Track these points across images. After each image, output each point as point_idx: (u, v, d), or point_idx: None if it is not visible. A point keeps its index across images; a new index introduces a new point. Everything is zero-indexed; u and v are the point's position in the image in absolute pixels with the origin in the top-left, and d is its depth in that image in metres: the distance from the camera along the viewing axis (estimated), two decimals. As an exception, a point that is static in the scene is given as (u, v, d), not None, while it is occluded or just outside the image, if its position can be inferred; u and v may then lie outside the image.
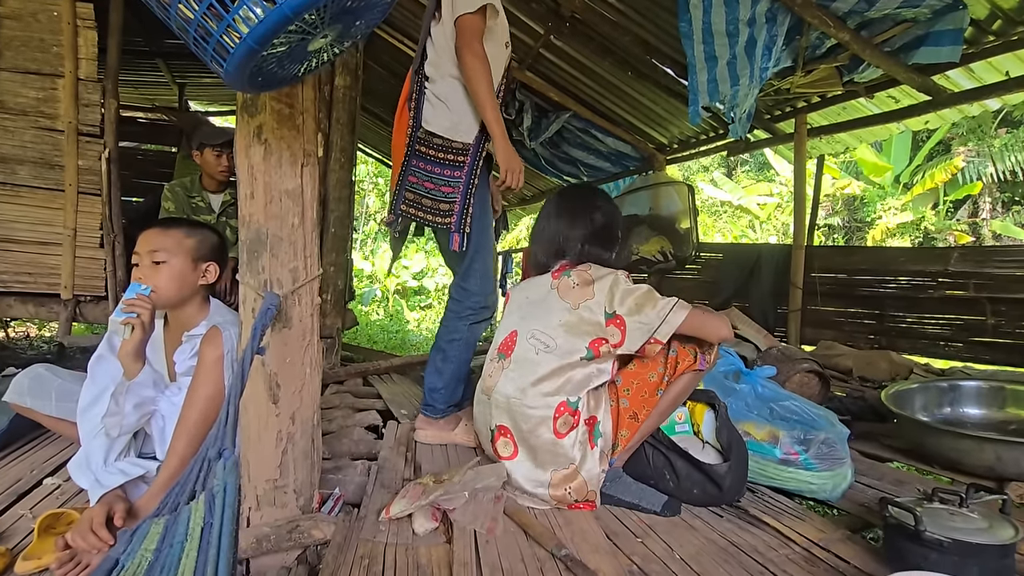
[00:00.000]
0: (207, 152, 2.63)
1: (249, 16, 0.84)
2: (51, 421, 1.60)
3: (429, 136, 1.70)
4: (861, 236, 10.81)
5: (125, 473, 1.31)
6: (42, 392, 1.56)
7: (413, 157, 1.68)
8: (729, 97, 2.77)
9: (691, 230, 4.20)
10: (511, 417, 1.50)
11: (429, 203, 1.69)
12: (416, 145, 1.69)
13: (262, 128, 1.18)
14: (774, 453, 1.62)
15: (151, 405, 1.38)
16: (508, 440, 1.51)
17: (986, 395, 2.08)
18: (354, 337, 6.32)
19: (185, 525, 0.72)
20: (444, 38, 1.70)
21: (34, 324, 5.58)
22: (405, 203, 1.67)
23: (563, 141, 4.88)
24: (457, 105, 1.71)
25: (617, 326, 1.47)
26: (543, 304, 1.57)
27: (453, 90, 1.71)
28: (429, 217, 1.70)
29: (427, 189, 1.69)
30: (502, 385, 1.53)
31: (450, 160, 1.70)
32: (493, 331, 1.95)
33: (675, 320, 1.45)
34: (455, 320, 1.87)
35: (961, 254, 3.45)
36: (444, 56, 1.71)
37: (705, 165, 12.76)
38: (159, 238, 1.43)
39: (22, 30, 2.67)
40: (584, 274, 1.55)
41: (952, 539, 1.07)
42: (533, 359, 1.50)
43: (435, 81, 1.72)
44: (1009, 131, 9.33)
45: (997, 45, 2.68)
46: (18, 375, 1.60)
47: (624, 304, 1.48)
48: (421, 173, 1.69)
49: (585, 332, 1.48)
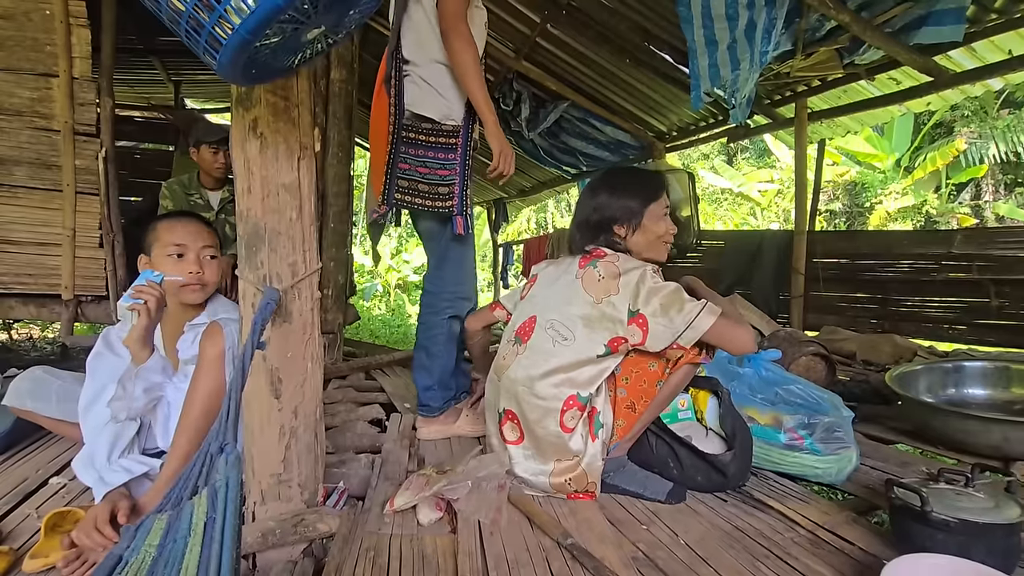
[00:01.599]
0: (204, 149, 2.62)
1: (241, 6, 0.83)
2: (53, 423, 1.60)
3: (417, 120, 1.64)
4: (863, 221, 10.77)
5: (129, 471, 1.31)
6: (43, 394, 1.56)
7: (400, 144, 1.60)
8: (730, 82, 2.74)
9: (692, 218, 4.19)
10: (518, 404, 1.49)
11: (426, 188, 1.63)
12: (402, 131, 1.61)
13: (257, 122, 1.16)
14: (778, 438, 1.61)
15: (159, 391, 1.39)
16: (515, 425, 1.50)
17: (991, 375, 2.07)
18: (356, 332, 6.33)
19: (188, 520, 0.72)
20: (426, 19, 1.63)
21: (37, 325, 5.60)
22: (399, 191, 1.60)
23: (561, 131, 4.86)
24: (446, 89, 1.65)
25: (640, 326, 1.41)
26: (566, 292, 1.53)
27: (440, 74, 1.64)
28: (428, 203, 1.63)
29: (421, 175, 1.63)
30: (513, 370, 1.51)
31: (442, 143, 1.64)
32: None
33: (702, 326, 1.39)
34: (431, 316, 1.81)
35: (964, 236, 3.44)
36: (428, 38, 1.64)
37: (705, 152, 12.70)
38: (208, 234, 1.48)
39: (15, 29, 2.65)
40: (611, 266, 1.49)
41: (959, 519, 1.07)
42: (548, 349, 1.47)
43: (419, 65, 1.65)
44: (1012, 112, 9.26)
45: (1000, 23, 2.65)
46: (15, 379, 1.59)
47: (649, 304, 1.42)
48: (412, 159, 1.63)
49: (605, 329, 1.44)
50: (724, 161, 12.65)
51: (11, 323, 4.95)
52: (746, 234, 6.64)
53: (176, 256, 1.40)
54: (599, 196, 1.57)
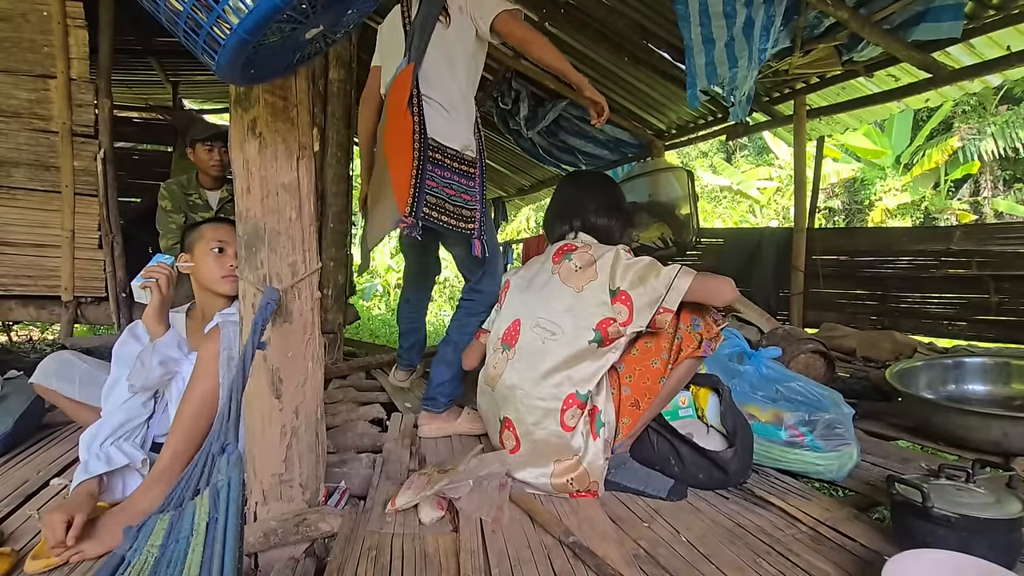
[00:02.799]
0: (199, 148, 2.62)
1: (239, 6, 0.83)
2: (73, 406, 1.66)
3: (441, 146, 1.70)
4: (862, 218, 10.78)
5: (109, 460, 1.32)
6: (67, 375, 1.64)
7: (427, 163, 1.66)
8: (728, 79, 2.74)
9: (691, 216, 4.18)
10: (516, 409, 1.48)
11: (452, 208, 1.70)
12: (429, 152, 1.67)
13: (256, 122, 1.16)
14: (779, 435, 1.61)
15: (175, 366, 1.46)
16: (511, 434, 1.49)
17: (991, 371, 2.07)
18: (356, 332, 6.33)
19: (190, 521, 0.72)
20: (456, 42, 1.71)
21: (36, 327, 5.59)
22: (427, 206, 1.64)
23: (560, 130, 4.85)
24: (463, 121, 1.74)
25: (623, 302, 1.44)
26: (545, 290, 1.55)
27: (458, 105, 1.73)
28: (453, 222, 1.70)
29: (448, 195, 1.70)
30: (508, 376, 1.51)
31: (463, 170, 1.73)
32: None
33: (682, 285, 1.42)
34: (468, 316, 1.88)
35: (963, 232, 3.44)
36: (456, 60, 1.71)
37: (704, 151, 12.70)
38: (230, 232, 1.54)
39: (12, 31, 2.64)
40: (585, 254, 1.54)
41: (960, 514, 1.07)
42: (540, 348, 1.48)
43: (439, 92, 1.71)
44: (1010, 108, 9.26)
45: (998, 19, 2.65)
46: (44, 359, 1.68)
47: (626, 278, 1.46)
48: (440, 179, 1.68)
49: (591, 314, 1.45)
50: (723, 159, 12.66)
51: (10, 325, 4.94)
52: (745, 232, 6.64)
53: (217, 251, 1.53)
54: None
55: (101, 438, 1.35)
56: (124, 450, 1.37)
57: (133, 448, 1.39)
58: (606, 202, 1.71)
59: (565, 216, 1.72)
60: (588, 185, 1.76)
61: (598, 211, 1.69)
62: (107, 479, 1.32)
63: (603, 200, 1.71)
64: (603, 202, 1.70)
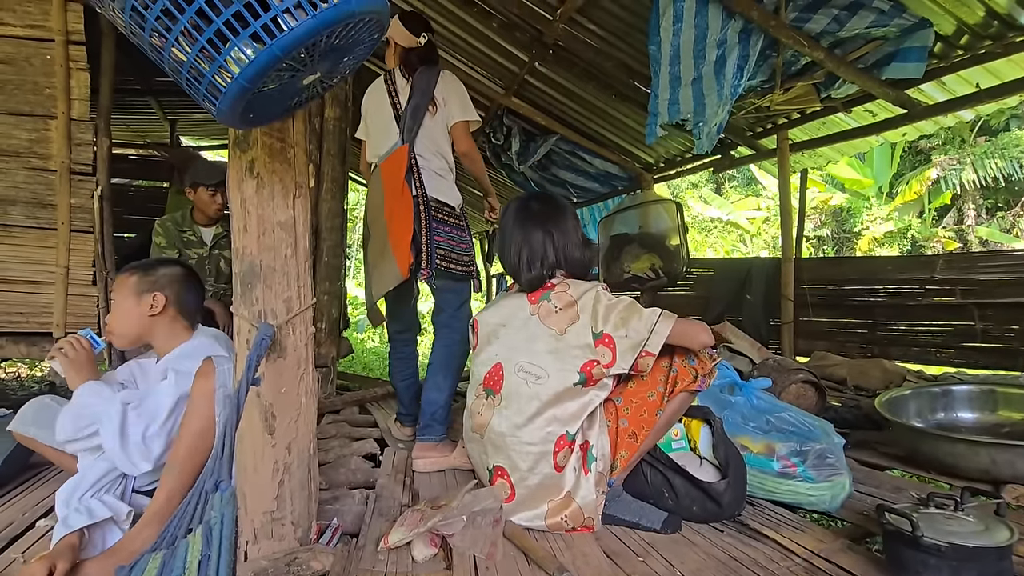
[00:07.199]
0: (201, 191, 2.65)
1: (240, 57, 0.88)
2: (53, 453, 1.59)
3: (440, 204, 2.05)
4: (851, 247, 10.95)
5: (91, 513, 1.27)
6: (46, 422, 1.55)
7: (433, 221, 2.00)
8: (693, 115, 2.81)
9: (681, 246, 4.24)
10: (508, 457, 1.46)
11: (455, 256, 2.06)
12: (432, 211, 2.01)
13: (254, 163, 1.20)
14: (771, 466, 1.62)
15: (92, 416, 1.37)
16: (505, 482, 1.47)
17: (978, 399, 2.10)
18: (349, 365, 6.28)
19: (183, 559, 0.72)
20: (438, 128, 2.09)
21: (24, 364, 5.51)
22: (439, 258, 1.99)
23: (552, 164, 4.96)
24: (451, 183, 2.13)
25: (607, 345, 1.43)
26: (524, 332, 1.51)
27: (447, 171, 2.12)
28: (456, 268, 2.05)
29: (451, 246, 2.05)
30: (496, 423, 1.48)
31: (457, 224, 2.10)
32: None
33: (663, 330, 1.43)
34: (453, 341, 2.09)
35: (947, 261, 3.51)
36: (440, 140, 2.10)
37: (694, 182, 12.95)
38: (115, 282, 1.53)
39: (15, 74, 2.70)
40: (564, 295, 1.50)
41: (949, 543, 1.08)
42: (526, 392, 1.45)
43: (431, 162, 2.07)
44: (988, 139, 9.56)
45: (966, 59, 2.77)
46: (24, 406, 1.63)
47: (609, 321, 1.44)
48: (444, 233, 2.03)
49: (575, 356, 1.44)
50: (712, 190, 12.90)
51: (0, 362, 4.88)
52: (735, 261, 6.72)
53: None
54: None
55: (82, 491, 1.31)
56: (106, 502, 1.32)
57: (115, 500, 1.34)
58: (576, 233, 1.61)
59: (543, 260, 1.55)
60: (553, 220, 1.59)
61: (573, 246, 1.59)
62: (88, 533, 1.26)
63: (573, 233, 1.61)
64: (574, 236, 1.60)
